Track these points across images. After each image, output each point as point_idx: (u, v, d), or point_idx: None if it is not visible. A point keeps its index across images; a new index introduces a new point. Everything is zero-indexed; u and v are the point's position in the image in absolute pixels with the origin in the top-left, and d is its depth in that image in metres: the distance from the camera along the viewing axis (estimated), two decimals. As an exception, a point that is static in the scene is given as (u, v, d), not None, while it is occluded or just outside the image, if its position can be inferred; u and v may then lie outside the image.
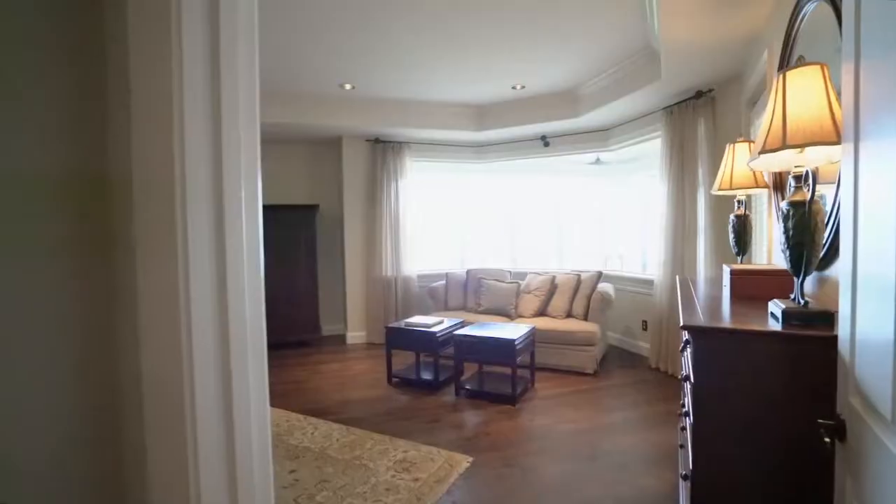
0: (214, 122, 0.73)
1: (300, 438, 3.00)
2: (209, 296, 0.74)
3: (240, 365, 0.79)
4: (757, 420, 1.25)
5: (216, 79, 0.73)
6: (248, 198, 0.78)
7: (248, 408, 0.82)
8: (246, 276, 0.78)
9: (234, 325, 0.76)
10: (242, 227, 0.77)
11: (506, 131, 5.30)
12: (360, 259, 5.70)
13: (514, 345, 3.52)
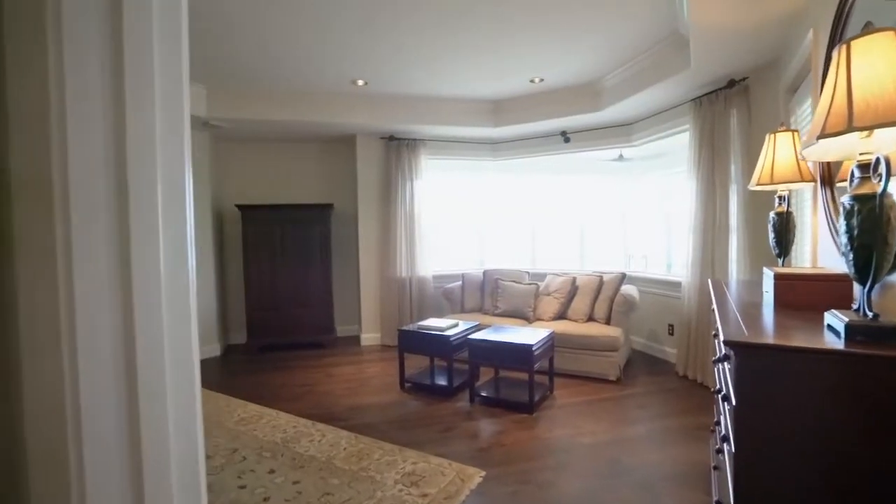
0: (115, 110, 0.59)
1: (307, 446, 2.88)
2: (105, 309, 0.61)
3: (153, 403, 0.64)
4: (812, 452, 1.06)
5: (117, 61, 0.59)
6: (168, 193, 0.64)
7: (165, 460, 0.67)
8: (165, 284, 0.64)
9: (145, 351, 0.62)
10: (158, 225, 0.63)
11: (524, 127, 5.11)
12: (374, 259, 5.59)
13: (531, 350, 3.35)
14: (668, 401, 3.55)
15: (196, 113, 4.43)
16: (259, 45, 3.55)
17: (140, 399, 0.64)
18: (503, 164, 5.87)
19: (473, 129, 5.24)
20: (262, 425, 3.22)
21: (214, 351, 5.21)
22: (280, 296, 5.36)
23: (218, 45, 3.53)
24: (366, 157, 5.51)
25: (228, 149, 5.60)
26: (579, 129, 5.14)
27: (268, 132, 5.26)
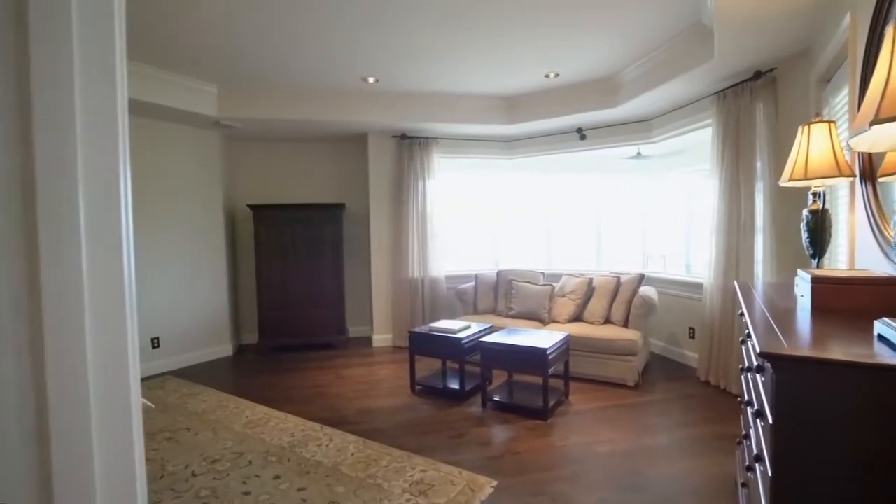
0: (18, 91, 0.50)
1: (314, 451, 2.82)
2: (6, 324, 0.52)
3: (69, 449, 0.54)
4: (863, 481, 0.94)
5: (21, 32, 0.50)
6: (93, 187, 0.56)
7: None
8: (88, 296, 0.54)
9: (59, 388, 0.53)
10: (79, 223, 0.54)
11: (538, 124, 4.98)
12: (386, 259, 5.52)
13: (545, 354, 3.23)
14: (690, 408, 3.39)
15: (207, 112, 4.41)
16: (268, 44, 3.50)
17: (52, 444, 0.54)
18: (517, 162, 5.75)
19: (487, 127, 5.13)
20: (270, 428, 3.17)
21: (226, 351, 5.20)
22: (291, 296, 5.32)
23: (228, 44, 3.49)
24: (377, 156, 5.44)
25: (240, 148, 5.59)
26: (596, 125, 4.99)
27: (279, 132, 5.23)
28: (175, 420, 3.35)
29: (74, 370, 0.55)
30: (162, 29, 3.23)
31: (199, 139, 4.92)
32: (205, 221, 5.01)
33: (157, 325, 4.60)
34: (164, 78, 4.05)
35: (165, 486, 2.47)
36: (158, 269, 4.62)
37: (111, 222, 0.57)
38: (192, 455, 2.80)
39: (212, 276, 5.08)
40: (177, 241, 4.77)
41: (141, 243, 4.47)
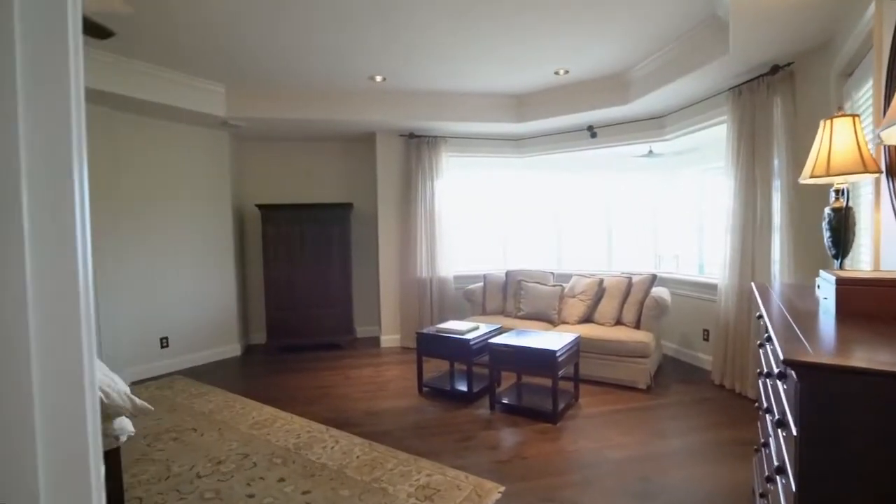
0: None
1: (319, 453, 2.78)
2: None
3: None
4: (892, 498, 0.87)
5: None
6: (38, 183, 0.51)
7: None
8: (32, 304, 0.49)
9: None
10: (22, 225, 0.49)
11: (548, 122, 4.91)
12: (394, 259, 5.49)
13: (555, 356, 3.16)
14: (704, 412, 3.30)
15: (215, 112, 4.41)
16: (275, 43, 3.48)
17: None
18: (527, 161, 5.68)
19: (495, 125, 5.07)
20: (276, 429, 3.14)
21: (235, 351, 5.21)
22: (299, 296, 5.31)
23: (235, 43, 3.47)
24: (385, 156, 5.41)
25: (249, 148, 5.59)
26: (607, 123, 4.90)
27: (287, 131, 5.22)
28: (182, 420, 3.34)
29: (14, 391, 0.51)
30: (168, 29, 3.22)
31: (207, 139, 4.93)
32: (214, 221, 5.02)
33: (166, 324, 4.62)
34: (172, 78, 4.05)
35: (170, 487, 2.46)
36: (168, 269, 4.63)
37: (63, 224, 0.52)
38: (197, 456, 2.79)
39: (220, 276, 5.09)
40: (186, 241, 4.78)
41: (150, 243, 4.49)
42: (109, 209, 4.14)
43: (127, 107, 4.11)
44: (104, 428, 1.56)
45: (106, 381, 1.56)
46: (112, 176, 4.17)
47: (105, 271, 4.11)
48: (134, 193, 4.36)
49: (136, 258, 4.38)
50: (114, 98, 3.86)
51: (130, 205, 4.33)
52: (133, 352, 4.35)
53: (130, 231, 4.34)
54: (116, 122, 4.20)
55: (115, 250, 4.19)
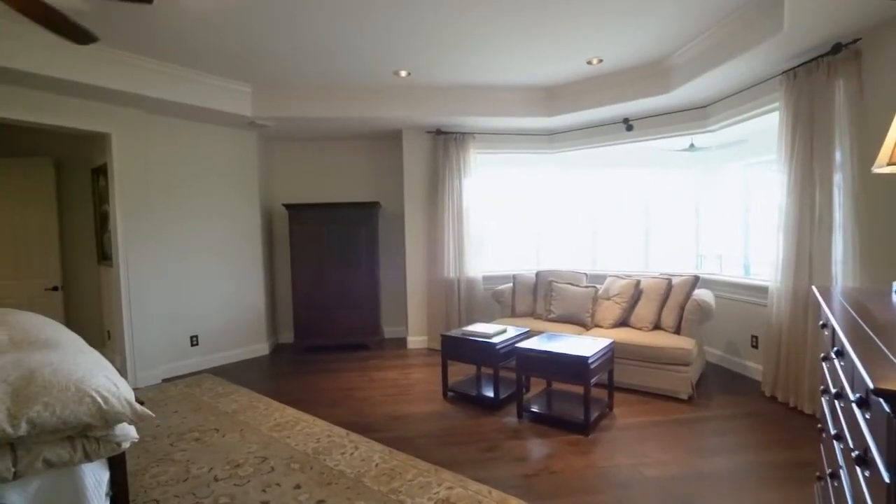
0: None
1: (337, 459, 2.69)
2: None
3: None
4: None
5: None
6: None
7: None
8: None
9: None
10: None
11: (581, 115, 4.67)
12: (421, 258, 5.38)
13: (587, 363, 2.95)
14: (754, 428, 3.01)
15: (241, 112, 4.42)
16: (298, 39, 3.42)
17: None
18: (559, 157, 5.45)
19: (525, 120, 4.87)
20: (297, 433, 3.08)
21: (263, 350, 5.23)
22: (326, 296, 5.28)
23: (260, 42, 3.44)
24: (412, 153, 5.30)
25: (276, 148, 5.61)
26: (644, 114, 4.62)
27: (314, 130, 5.20)
28: (206, 420, 3.34)
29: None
30: (193, 30, 3.21)
31: (236, 140, 4.97)
32: (242, 221, 5.05)
33: (196, 323, 4.67)
34: (199, 79, 4.08)
35: (187, 489, 2.42)
36: (197, 269, 4.68)
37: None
38: (216, 458, 2.75)
39: (249, 276, 5.12)
40: (215, 241, 4.82)
41: (181, 243, 4.55)
42: (141, 209, 4.21)
43: (158, 109, 4.17)
44: (105, 434, 1.50)
45: (106, 386, 1.50)
46: (144, 176, 4.24)
47: (137, 270, 4.18)
48: (165, 194, 4.43)
49: (167, 257, 4.45)
50: (146, 101, 3.91)
51: (161, 205, 4.40)
52: (165, 349, 4.41)
53: (162, 231, 4.40)
54: (149, 124, 4.27)
55: (146, 249, 4.26)
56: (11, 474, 1.41)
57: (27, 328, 1.99)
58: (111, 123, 4.00)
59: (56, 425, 1.39)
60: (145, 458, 2.79)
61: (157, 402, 3.73)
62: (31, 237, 4.80)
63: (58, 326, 2.17)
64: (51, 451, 1.46)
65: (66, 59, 3.32)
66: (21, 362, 1.51)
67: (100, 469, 1.64)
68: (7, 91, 3.43)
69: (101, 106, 3.92)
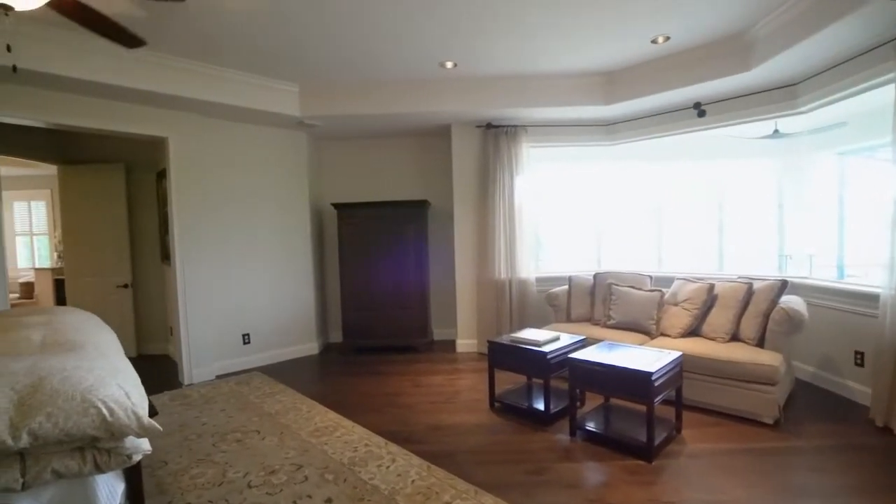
0: None
1: (373, 472, 2.54)
2: None
3: None
4: None
5: None
6: None
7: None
8: None
9: None
10: None
11: (644, 101, 4.24)
12: (471, 258, 5.16)
13: (650, 379, 2.60)
14: (861, 465, 2.51)
15: (290, 112, 4.43)
16: (342, 36, 3.32)
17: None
18: (619, 149, 5.01)
19: (582, 109, 4.51)
20: (335, 439, 2.97)
21: (312, 349, 5.25)
22: (374, 296, 5.21)
23: (305, 41, 3.38)
24: (461, 149, 5.10)
25: (325, 147, 5.63)
26: (719, 97, 4.10)
27: (361, 128, 5.14)
28: (249, 420, 3.33)
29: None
30: (241, 32, 3.20)
31: (286, 140, 5.01)
32: (293, 221, 5.10)
33: (247, 321, 4.76)
34: (249, 81, 4.11)
35: (221, 494, 2.36)
36: (250, 268, 4.77)
37: None
38: (253, 462, 2.70)
39: (299, 276, 5.16)
40: (266, 241, 4.89)
41: (233, 243, 4.64)
42: (196, 210, 4.33)
43: (212, 112, 4.26)
44: (114, 446, 1.42)
45: (115, 396, 1.42)
46: (199, 178, 4.36)
47: (193, 269, 4.30)
48: (218, 195, 4.53)
49: (221, 257, 4.55)
50: (199, 104, 4.01)
51: (215, 206, 4.51)
52: (218, 347, 4.52)
53: (215, 231, 4.51)
54: (203, 128, 4.38)
55: (201, 249, 4.38)
56: (20, 485, 1.36)
57: (62, 329, 2.01)
58: (168, 128, 4.14)
59: (59, 437, 1.33)
60: (188, 457, 2.79)
61: (208, 399, 3.79)
62: (105, 238, 5.12)
63: (90, 327, 2.18)
64: (59, 462, 1.39)
65: (126, 67, 3.45)
66: (34, 368, 1.48)
67: (114, 480, 1.57)
68: (75, 100, 3.62)
69: (158, 111, 4.07)
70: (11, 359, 1.59)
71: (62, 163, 5.17)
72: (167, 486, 2.48)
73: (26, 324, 2.10)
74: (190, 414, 3.49)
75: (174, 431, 3.17)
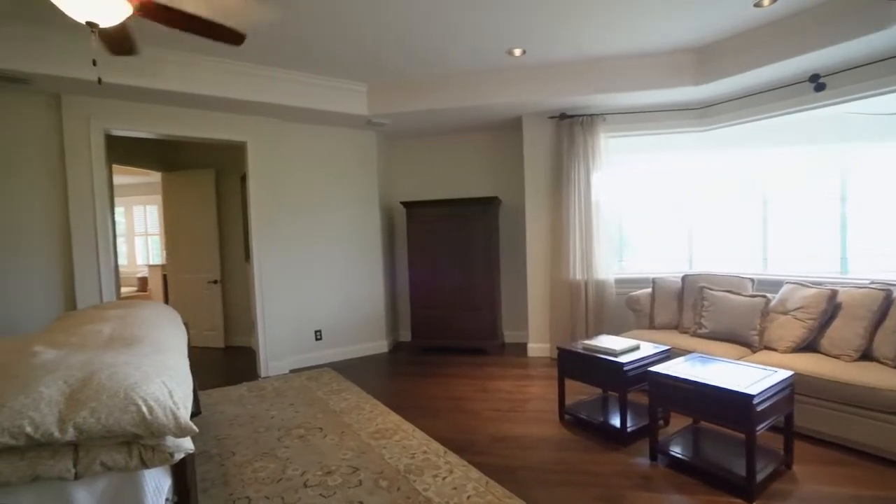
0: None
1: (427, 483, 2.41)
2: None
3: None
4: None
5: None
6: None
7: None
8: None
9: None
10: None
11: (745, 78, 3.68)
12: (543, 258, 4.88)
13: (751, 403, 2.18)
14: None
15: (358, 112, 4.46)
16: (407, 32, 3.25)
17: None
18: (714, 134, 4.43)
19: (668, 92, 4.04)
20: (394, 443, 2.89)
21: (382, 347, 5.28)
22: (443, 295, 5.12)
23: (371, 38, 3.35)
24: (533, 142, 4.83)
25: (395, 146, 5.63)
26: (843, 66, 3.43)
27: (429, 124, 5.06)
28: (314, 416, 3.37)
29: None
30: (308, 34, 3.25)
31: (355, 140, 5.08)
32: (363, 220, 5.16)
33: (320, 318, 4.89)
34: (319, 83, 4.20)
35: (277, 492, 2.37)
36: (322, 267, 4.90)
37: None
38: (312, 461, 2.69)
39: (370, 274, 5.21)
40: (338, 240, 4.99)
41: (307, 242, 4.79)
42: (273, 210, 4.52)
43: (285, 115, 4.42)
44: (157, 444, 1.41)
45: (156, 394, 1.41)
46: (274, 180, 4.55)
47: (269, 267, 4.50)
48: (292, 196, 4.70)
49: (295, 256, 4.72)
50: (274, 108, 4.17)
51: (289, 207, 4.68)
52: (292, 342, 4.69)
53: (290, 231, 4.68)
54: (278, 131, 4.57)
55: (277, 249, 4.56)
56: (72, 475, 1.39)
57: (132, 323, 2.11)
58: (247, 133, 4.36)
59: (101, 432, 1.34)
60: (254, 449, 2.87)
61: (280, 393, 3.92)
62: (198, 238, 5.56)
63: (158, 321, 2.28)
64: (107, 455, 1.42)
65: (214, 78, 3.69)
66: (89, 362, 1.52)
67: (161, 476, 1.58)
68: (174, 112, 3.95)
69: (239, 117, 4.30)
70: (77, 351, 1.67)
71: (165, 170, 5.71)
72: (231, 477, 2.54)
73: (106, 317, 2.25)
74: (262, 406, 3.62)
75: (246, 423, 3.29)
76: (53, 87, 3.45)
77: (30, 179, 3.51)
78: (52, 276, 3.59)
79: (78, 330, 2.01)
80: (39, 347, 1.74)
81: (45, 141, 3.56)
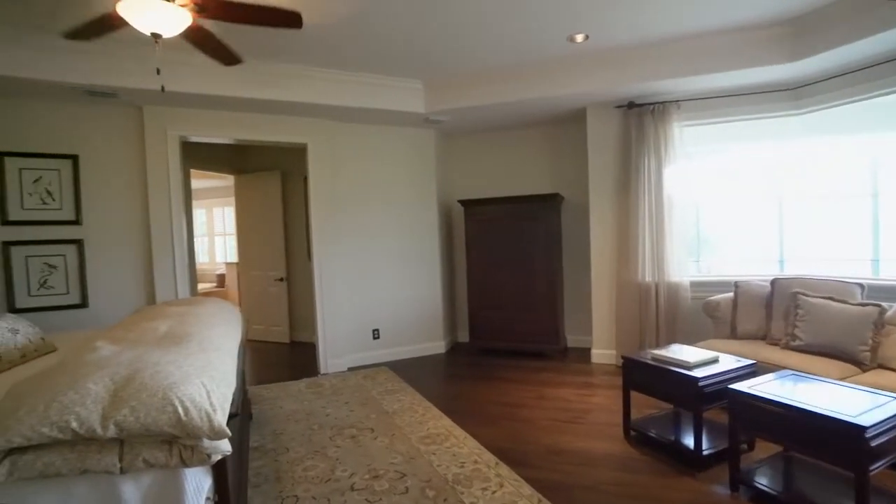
0: None
1: (476, 496, 2.28)
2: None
3: None
4: None
5: None
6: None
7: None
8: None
9: None
10: None
11: (852, 49, 3.15)
12: (609, 258, 4.56)
13: (862, 435, 1.82)
14: None
15: (415, 110, 4.41)
16: (461, 24, 3.13)
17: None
18: (812, 118, 3.87)
19: (754, 72, 3.58)
20: (444, 450, 2.79)
21: (439, 348, 5.21)
22: (502, 296, 4.95)
23: (426, 33, 3.28)
24: (598, 134, 4.52)
25: (453, 143, 5.53)
26: None
27: (487, 120, 4.91)
28: (367, 417, 3.35)
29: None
30: (366, 36, 3.23)
31: (413, 138, 5.04)
32: (421, 219, 5.12)
33: (377, 317, 4.91)
34: (374, 82, 4.20)
35: (324, 493, 2.36)
36: (380, 266, 4.91)
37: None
38: (361, 462, 2.66)
39: (427, 273, 5.16)
40: (396, 239, 4.99)
41: (365, 241, 4.83)
42: (332, 211, 4.60)
43: (342, 115, 4.47)
44: (194, 444, 1.41)
45: (192, 395, 1.41)
46: (333, 180, 4.62)
47: (328, 266, 4.58)
48: (351, 196, 4.76)
49: (354, 255, 4.77)
50: (332, 109, 4.23)
51: (348, 206, 4.74)
52: (350, 340, 4.75)
53: (349, 231, 4.74)
54: (337, 132, 4.64)
55: (336, 248, 4.64)
56: (118, 469, 1.42)
57: (188, 320, 2.18)
58: (307, 134, 4.46)
59: (139, 431, 1.35)
60: (307, 447, 2.89)
61: (336, 390, 3.97)
62: (266, 237, 5.82)
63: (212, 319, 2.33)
64: (149, 453, 1.43)
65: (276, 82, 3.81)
66: (136, 360, 1.56)
67: (201, 475, 1.58)
68: (242, 117, 4.15)
69: (300, 120, 4.41)
70: (129, 348, 1.73)
71: (236, 173, 6.03)
72: (283, 473, 2.57)
73: (168, 314, 2.35)
74: (318, 403, 3.67)
75: (301, 419, 3.35)
76: (137, 100, 3.72)
77: (120, 183, 3.83)
78: (136, 272, 3.88)
79: (138, 326, 2.10)
80: (101, 343, 1.82)
81: (131, 148, 3.86)
